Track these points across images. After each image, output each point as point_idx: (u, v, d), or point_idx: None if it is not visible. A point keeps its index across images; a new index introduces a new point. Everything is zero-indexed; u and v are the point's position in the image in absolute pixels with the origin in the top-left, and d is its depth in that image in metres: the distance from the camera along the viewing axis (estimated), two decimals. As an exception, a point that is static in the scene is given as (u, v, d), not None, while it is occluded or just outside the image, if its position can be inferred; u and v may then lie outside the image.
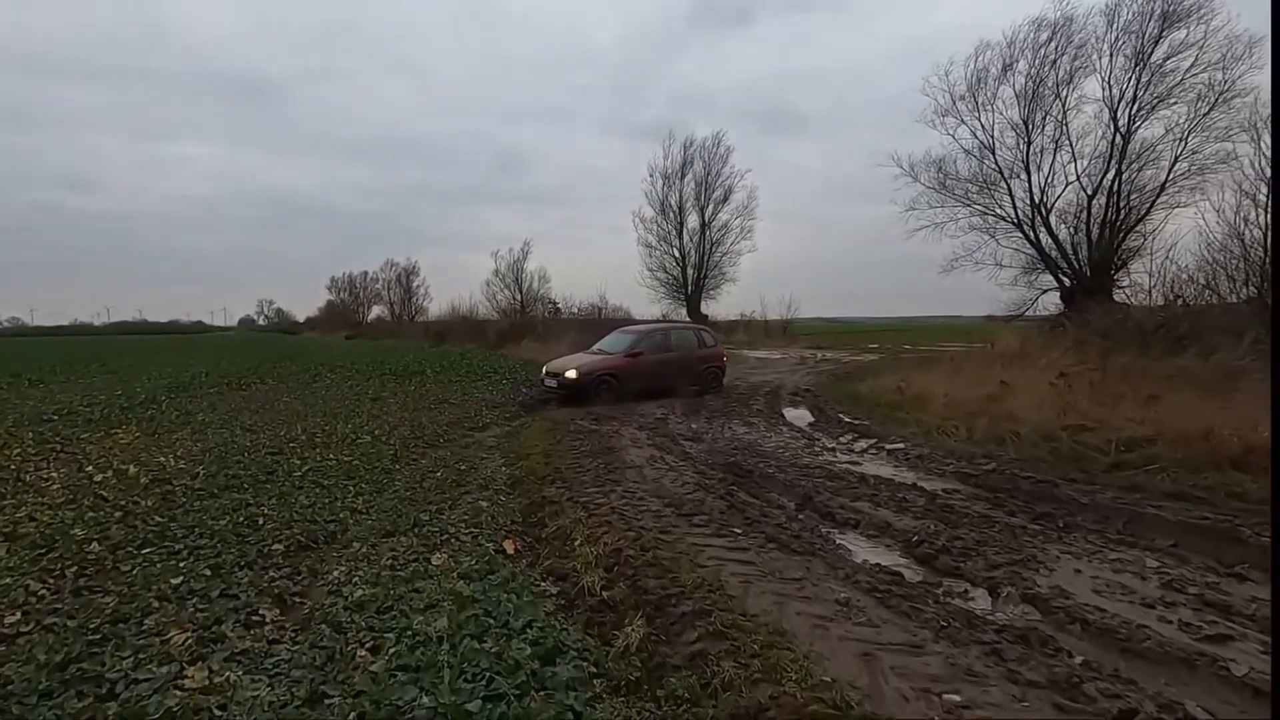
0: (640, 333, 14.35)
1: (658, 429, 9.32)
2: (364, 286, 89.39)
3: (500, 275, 54.56)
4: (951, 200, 25.00)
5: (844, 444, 8.55)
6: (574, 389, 12.37)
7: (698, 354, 14.49)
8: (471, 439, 9.07)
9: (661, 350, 13.90)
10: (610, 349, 13.93)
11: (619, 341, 14.16)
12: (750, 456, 7.53)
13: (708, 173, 40.01)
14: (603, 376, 12.69)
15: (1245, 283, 16.46)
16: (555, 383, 12.70)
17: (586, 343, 25.39)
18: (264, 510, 5.33)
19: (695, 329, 16.30)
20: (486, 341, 33.55)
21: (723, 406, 11.76)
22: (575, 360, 13.28)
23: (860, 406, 12.15)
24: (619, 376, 12.85)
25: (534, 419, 10.70)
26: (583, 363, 12.94)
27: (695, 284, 41.07)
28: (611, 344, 14.20)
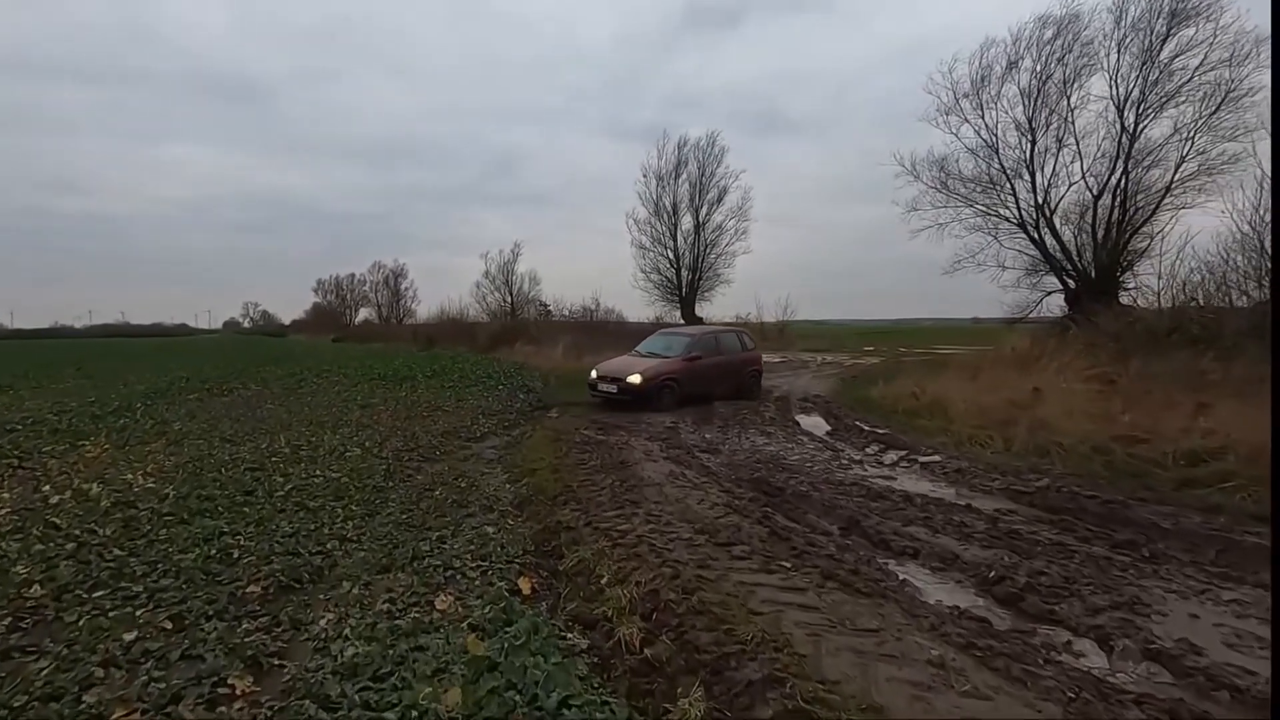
0: (694, 335, 13.93)
1: (670, 440, 8.70)
2: (351, 289, 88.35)
3: (490, 277, 53.82)
4: (954, 200, 24.58)
5: (872, 456, 7.97)
6: (637, 394, 11.88)
7: (741, 357, 14.08)
8: (469, 450, 8.40)
9: (714, 353, 13.50)
10: (663, 352, 13.35)
11: (671, 344, 13.61)
12: (776, 471, 6.92)
13: (702, 173, 39.45)
14: (665, 381, 12.23)
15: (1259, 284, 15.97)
16: (615, 388, 12.12)
17: (583, 346, 24.79)
18: (240, 540, 4.66)
19: (736, 331, 15.75)
20: (478, 345, 32.81)
21: (734, 414, 11.16)
22: (637, 364, 12.61)
23: (876, 413, 11.59)
24: (680, 380, 12.43)
25: (534, 428, 10.05)
26: (646, 367, 12.36)
27: (690, 286, 40.47)
28: (661, 346, 13.67)
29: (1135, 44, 20.48)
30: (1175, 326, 14.67)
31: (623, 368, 12.53)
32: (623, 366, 12.63)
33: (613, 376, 12.30)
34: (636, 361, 12.91)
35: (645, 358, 13.22)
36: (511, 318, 45.43)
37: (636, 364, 12.64)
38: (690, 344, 13.28)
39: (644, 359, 13.12)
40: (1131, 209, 21.61)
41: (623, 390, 12.02)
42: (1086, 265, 23.43)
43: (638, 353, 13.77)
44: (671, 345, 13.54)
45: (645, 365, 12.46)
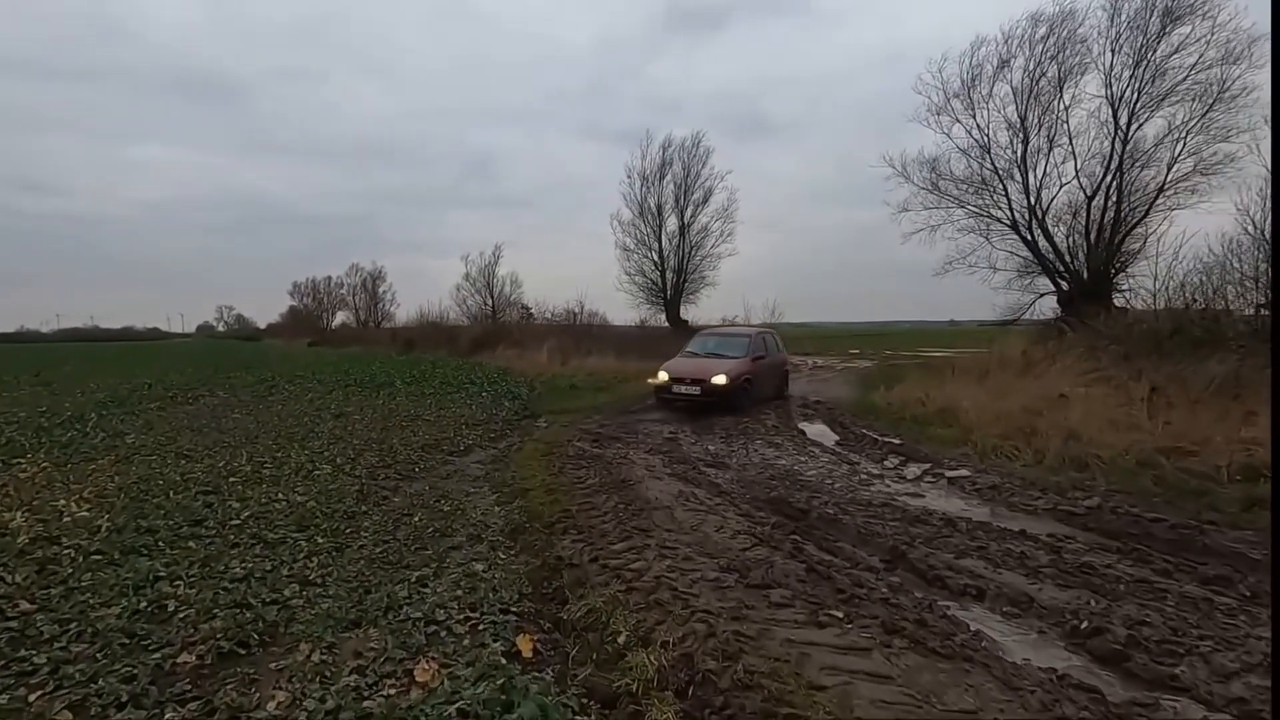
0: (750, 335, 13.97)
1: (672, 453, 8.01)
2: (328, 292, 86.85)
3: (471, 279, 52.96)
4: (946, 201, 24.21)
5: (893, 469, 7.34)
6: (723, 395, 11.70)
7: (779, 357, 14.16)
8: (453, 466, 7.65)
9: (765, 353, 13.57)
10: (724, 352, 13.24)
11: (727, 344, 13.59)
12: (795, 489, 6.26)
13: (687, 174, 38.83)
14: (743, 382, 12.12)
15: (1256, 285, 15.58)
16: (698, 390, 11.79)
17: (568, 349, 24.04)
18: (179, 587, 3.89)
19: (770, 333, 15.39)
20: (458, 349, 31.95)
21: (735, 423, 10.49)
22: (714, 365, 12.33)
23: (883, 421, 11.01)
24: (752, 380, 12.40)
25: (523, 440, 9.31)
26: (728, 367, 12.15)
27: (675, 288, 39.84)
28: (716, 346, 13.62)
29: (1129, 42, 20.21)
30: (1177, 329, 14.29)
31: (701, 369, 12.19)
32: (700, 368, 12.27)
33: (693, 378, 11.93)
34: (713, 363, 12.57)
35: (708, 358, 12.95)
36: (493, 321, 44.59)
37: (713, 365, 12.36)
38: (750, 344, 13.33)
39: (715, 360, 12.80)
40: (1125, 210, 21.36)
41: (706, 392, 11.73)
42: (1079, 267, 23.17)
43: (692, 354, 13.49)
44: (729, 345, 13.48)
45: (725, 366, 12.20)
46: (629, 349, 22.79)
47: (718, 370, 11.92)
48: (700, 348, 13.77)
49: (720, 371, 11.86)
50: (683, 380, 11.99)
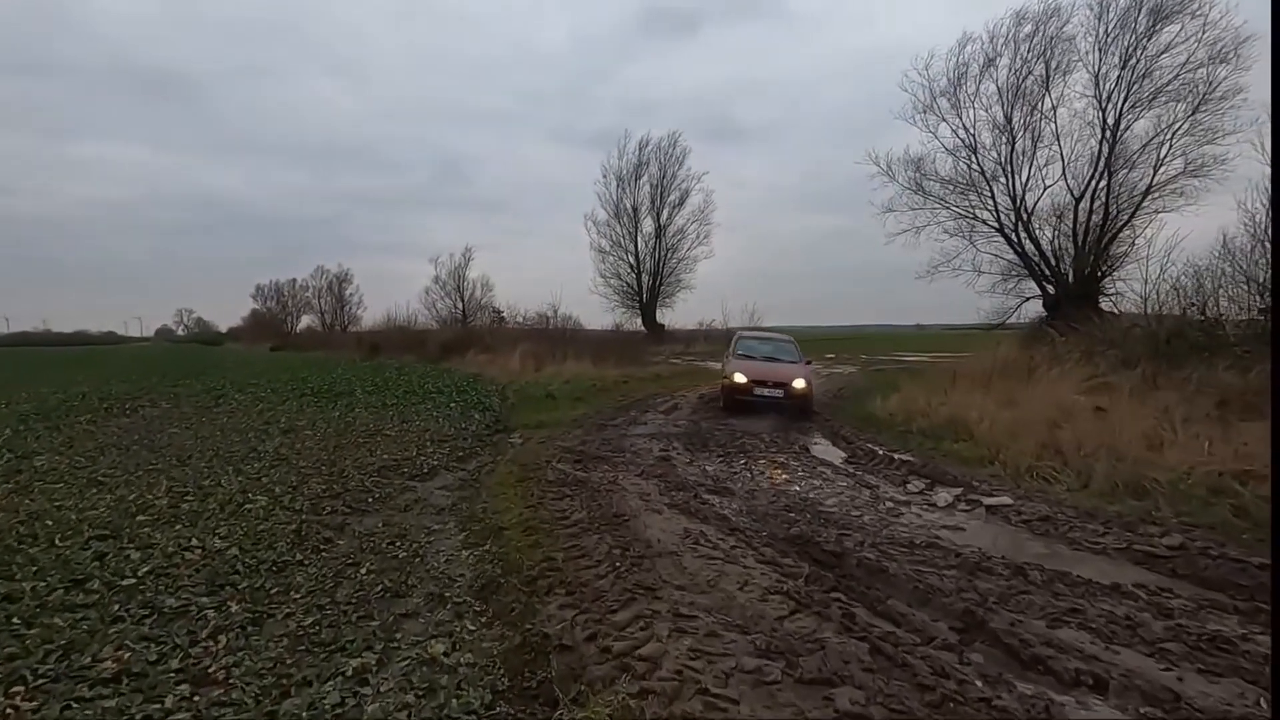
0: (789, 340, 14.42)
1: (666, 476, 7.01)
2: (292, 295, 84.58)
3: (440, 282, 51.65)
4: (931, 203, 23.68)
5: (919, 495, 6.46)
6: (804, 400, 11.93)
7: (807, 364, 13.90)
8: (413, 494, 6.56)
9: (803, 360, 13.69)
10: (778, 355, 13.56)
11: (775, 349, 13.91)
12: (817, 523, 5.32)
13: (663, 175, 38.18)
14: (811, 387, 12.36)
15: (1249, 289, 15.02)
16: (781, 393, 11.88)
17: (542, 355, 22.90)
18: (16, 698, 2.79)
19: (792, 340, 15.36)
20: (427, 354, 30.63)
21: (730, 439, 9.53)
22: (788, 370, 12.53)
23: (888, 433, 10.18)
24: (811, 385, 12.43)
25: (495, 459, 8.24)
26: (804, 371, 12.50)
27: (651, 291, 39.06)
28: (774, 351, 13.82)
29: (1118, 40, 19.84)
30: (1175, 333, 13.75)
31: (778, 373, 12.29)
32: (776, 372, 12.39)
33: (775, 381, 12.00)
34: (783, 367, 12.76)
35: (771, 363, 13.07)
36: (463, 325, 43.29)
37: (785, 369, 12.55)
38: (796, 349, 13.83)
39: (779, 364, 12.98)
40: (1114, 212, 20.96)
41: (790, 396, 11.85)
42: (1065, 270, 22.75)
43: (748, 357, 13.39)
44: (781, 350, 13.80)
45: (798, 370, 12.46)
46: (606, 354, 21.81)
47: (795, 374, 12.07)
48: (751, 351, 13.73)
49: (798, 375, 12.03)
50: (764, 383, 11.95)
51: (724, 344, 35.87)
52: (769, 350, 13.91)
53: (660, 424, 10.81)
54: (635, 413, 11.96)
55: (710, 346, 34.18)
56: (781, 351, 13.83)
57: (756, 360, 13.21)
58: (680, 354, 31.78)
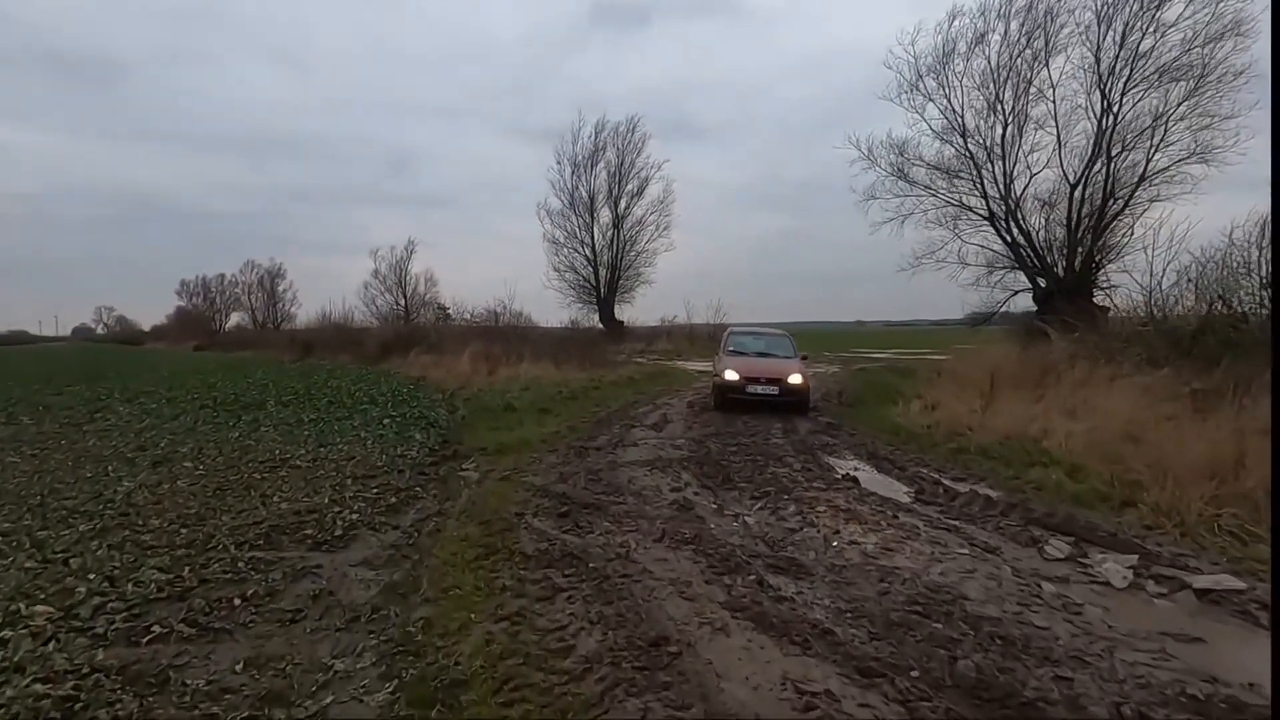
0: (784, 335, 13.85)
1: (700, 539, 4.74)
2: (220, 291, 79.40)
3: (381, 277, 48.43)
4: (915, 189, 22.04)
5: (1071, 564, 4.40)
6: (801, 396, 11.44)
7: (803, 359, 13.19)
8: (313, 583, 4.15)
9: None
10: (775, 351, 12.87)
11: (770, 344, 13.23)
12: (986, 646, 3.19)
13: (621, 162, 35.75)
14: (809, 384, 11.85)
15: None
16: (776, 389, 11.29)
17: (495, 355, 20.32)
18: None
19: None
20: (365, 354, 27.67)
21: (751, 466, 7.36)
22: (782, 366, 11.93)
23: (936, 452, 8.27)
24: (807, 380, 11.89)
25: (442, 509, 5.85)
26: (799, 367, 11.89)
27: (609, 285, 36.64)
28: (768, 346, 13.11)
29: (1121, 11, 18.47)
30: (1202, 328, 12.25)
31: (772, 369, 11.69)
32: (770, 368, 11.79)
33: (769, 378, 11.38)
34: (778, 362, 12.17)
35: (765, 358, 12.40)
36: (406, 322, 40.21)
37: (780, 365, 11.97)
38: (792, 344, 13.17)
39: (774, 360, 12.35)
40: (1112, 198, 19.63)
41: (785, 392, 11.30)
42: (1056, 262, 21.40)
43: (740, 353, 12.59)
44: (775, 345, 13.16)
45: (793, 366, 11.88)
46: (567, 354, 19.39)
47: (790, 370, 11.51)
48: (743, 347, 12.94)
49: (793, 371, 11.48)
50: (757, 380, 11.31)
51: (688, 341, 34.00)
52: (762, 346, 13.12)
53: (655, 444, 8.56)
54: (619, 428, 9.68)
55: (674, 345, 32.13)
56: (775, 347, 13.14)
57: (749, 356, 12.41)
58: (643, 352, 29.61)
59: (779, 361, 12.15)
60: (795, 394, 11.25)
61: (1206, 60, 17.68)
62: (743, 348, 12.82)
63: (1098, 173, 19.52)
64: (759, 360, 12.12)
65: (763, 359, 12.26)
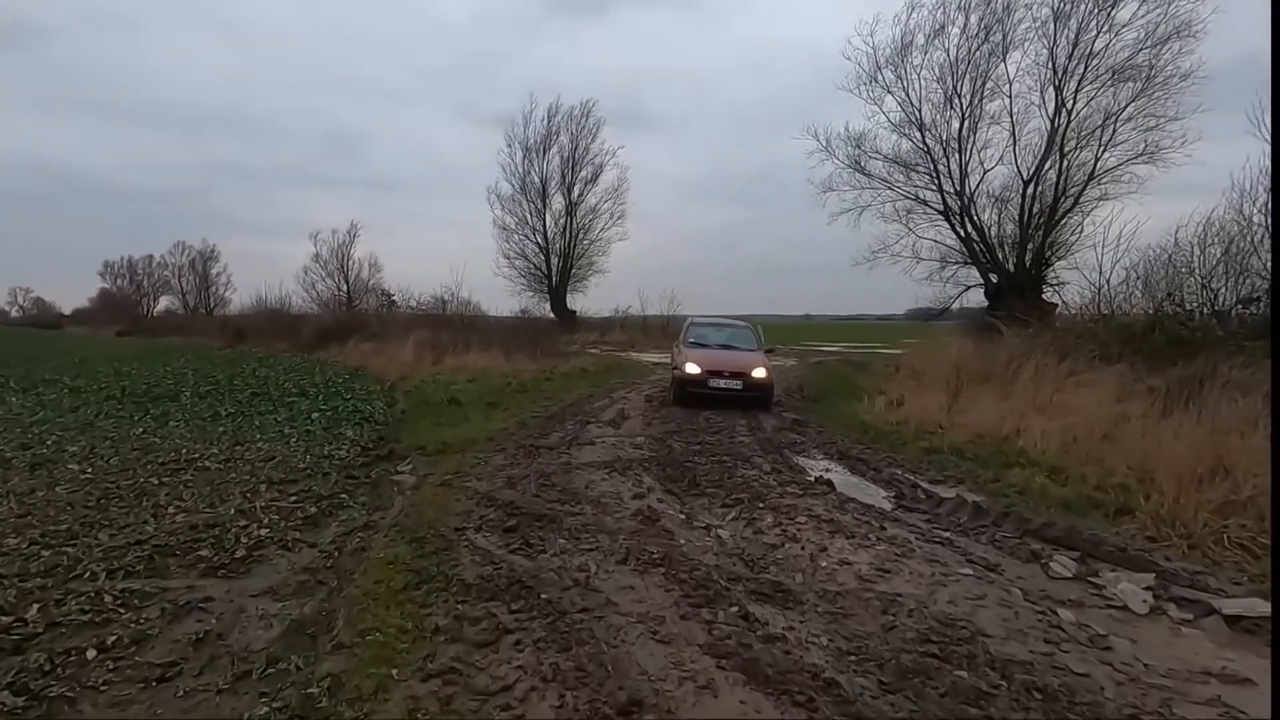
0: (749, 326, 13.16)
1: (669, 560, 4.10)
2: (148, 273, 75.28)
3: (321, 261, 46.37)
4: (873, 182, 21.87)
5: (1083, 585, 3.94)
6: (763, 392, 10.87)
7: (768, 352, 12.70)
8: (200, 619, 3.37)
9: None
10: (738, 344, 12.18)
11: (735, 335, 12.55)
12: (1015, 699, 2.66)
13: (575, 147, 34.78)
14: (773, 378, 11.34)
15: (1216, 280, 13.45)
16: (739, 384, 10.65)
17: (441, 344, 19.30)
18: None
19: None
20: (301, 342, 26.18)
21: (719, 468, 6.77)
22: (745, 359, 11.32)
23: (908, 452, 7.87)
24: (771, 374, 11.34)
25: (371, 519, 5.09)
26: (762, 360, 11.34)
27: (561, 274, 35.71)
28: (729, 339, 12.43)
29: (1075, 10, 18.53)
30: (1153, 325, 12.28)
31: (735, 362, 11.06)
32: (733, 361, 11.14)
33: (732, 371, 10.74)
34: (741, 355, 11.57)
35: (727, 351, 11.77)
36: (348, 309, 38.51)
37: (744, 358, 11.35)
38: (755, 336, 12.54)
39: (737, 352, 11.73)
40: (1063, 196, 19.76)
41: (749, 387, 10.71)
42: (1006, 257, 21.52)
43: (701, 345, 12.04)
44: (737, 337, 12.49)
45: (757, 359, 11.34)
46: (517, 345, 18.52)
47: (754, 363, 10.98)
48: (704, 338, 12.37)
49: (757, 364, 10.94)
50: (720, 374, 10.65)
51: (642, 333, 33.37)
52: (724, 338, 12.50)
53: (613, 443, 7.89)
54: (573, 425, 8.97)
55: (628, 335, 31.50)
56: (738, 339, 12.49)
57: (711, 349, 11.82)
58: (597, 343, 28.89)
59: (742, 354, 11.57)
60: (760, 389, 10.73)
61: (1154, 62, 17.92)
62: (704, 339, 12.25)
63: (1050, 170, 19.65)
64: (721, 353, 11.55)
65: (725, 351, 11.67)
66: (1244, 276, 11.84)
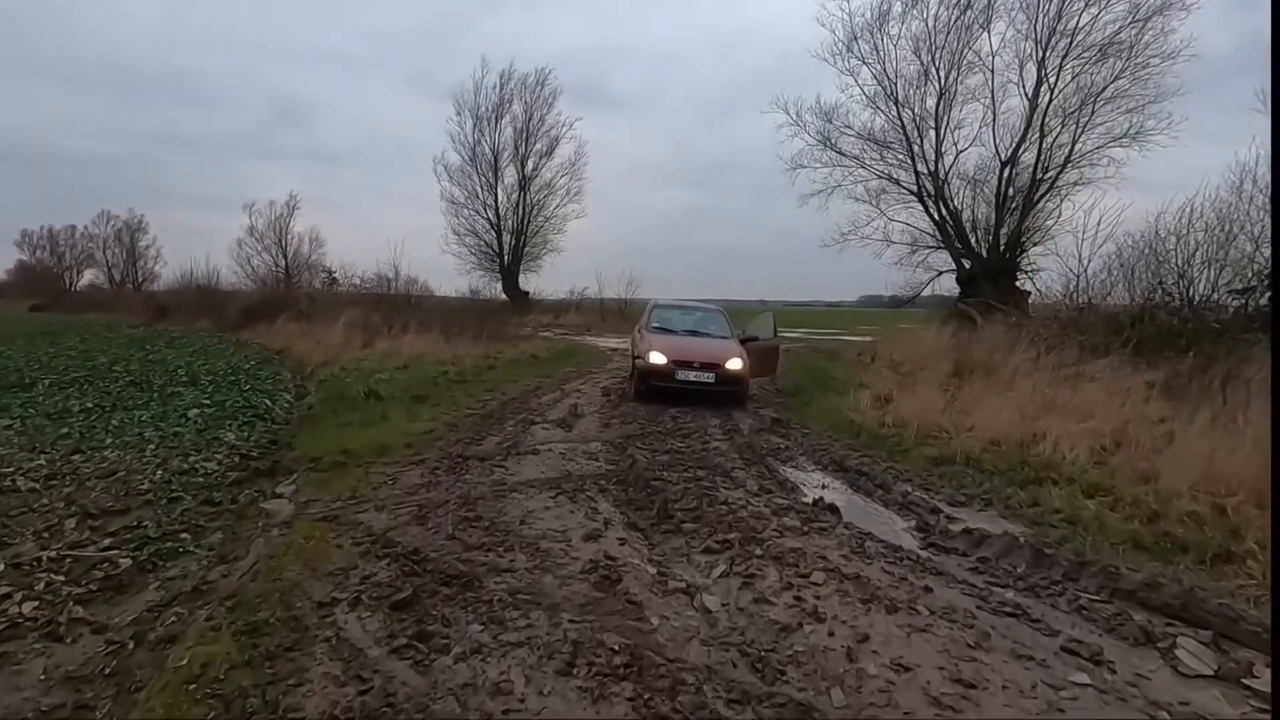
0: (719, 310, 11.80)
1: (636, 648, 2.72)
2: (71, 245, 70.13)
3: (257, 235, 43.48)
4: (845, 161, 20.72)
5: (1185, 674, 2.68)
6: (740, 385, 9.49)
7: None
8: None
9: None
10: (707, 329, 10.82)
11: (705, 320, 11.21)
12: None
13: (529, 117, 32.82)
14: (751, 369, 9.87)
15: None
16: (711, 376, 9.23)
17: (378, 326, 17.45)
18: None
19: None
20: (225, 320, 23.93)
21: (694, 488, 5.37)
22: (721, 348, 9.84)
23: (910, 461, 6.62)
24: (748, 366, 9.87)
25: (208, 577, 3.56)
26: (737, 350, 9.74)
27: (514, 252, 33.83)
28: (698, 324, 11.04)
29: (1062, -16, 17.56)
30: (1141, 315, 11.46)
31: (707, 351, 9.65)
32: (703, 350, 9.71)
33: (702, 362, 9.28)
34: (712, 344, 10.09)
35: (696, 338, 10.40)
36: (287, 285, 35.92)
37: (717, 347, 9.92)
38: (726, 321, 11.15)
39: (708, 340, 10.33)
40: (1042, 180, 18.90)
41: (723, 381, 9.29)
42: (980, 242, 20.64)
43: (665, 330, 10.56)
44: (707, 322, 11.12)
45: (731, 348, 9.80)
46: (462, 327, 16.80)
47: (729, 353, 9.51)
48: (669, 323, 10.88)
49: (733, 354, 9.48)
50: (689, 364, 9.18)
51: (598, 315, 31.76)
52: (692, 322, 11.12)
53: (562, 451, 6.41)
54: (515, 426, 7.46)
55: (584, 318, 29.94)
56: (708, 324, 11.10)
57: (677, 335, 10.40)
58: (550, 326, 27.24)
59: (714, 342, 10.19)
60: (735, 383, 9.38)
61: (1138, 39, 17.10)
62: (669, 324, 10.84)
63: (1028, 150, 18.77)
64: (690, 341, 10.18)
65: (695, 339, 10.33)
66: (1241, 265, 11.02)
